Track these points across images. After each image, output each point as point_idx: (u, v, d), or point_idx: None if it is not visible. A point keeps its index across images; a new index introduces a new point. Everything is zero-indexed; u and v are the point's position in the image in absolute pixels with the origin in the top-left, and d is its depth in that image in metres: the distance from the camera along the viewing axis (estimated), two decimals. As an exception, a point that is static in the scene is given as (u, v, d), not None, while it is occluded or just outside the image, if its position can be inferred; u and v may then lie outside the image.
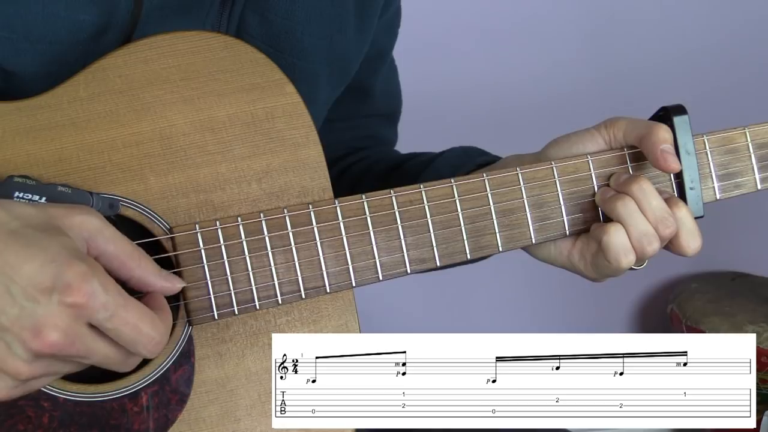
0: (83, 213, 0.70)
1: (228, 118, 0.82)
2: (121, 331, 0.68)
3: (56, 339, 0.65)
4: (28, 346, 0.65)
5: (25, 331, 0.64)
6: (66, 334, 0.65)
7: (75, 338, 0.66)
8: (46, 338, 0.65)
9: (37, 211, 0.69)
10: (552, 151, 0.89)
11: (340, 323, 0.85)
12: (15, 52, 0.80)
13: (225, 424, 0.81)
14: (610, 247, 0.84)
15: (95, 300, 0.65)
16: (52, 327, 0.65)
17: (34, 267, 0.64)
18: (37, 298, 0.64)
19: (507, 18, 2.06)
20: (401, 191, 0.84)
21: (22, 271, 0.64)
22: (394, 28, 1.12)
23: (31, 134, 0.78)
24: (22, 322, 0.65)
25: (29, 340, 0.65)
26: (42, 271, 0.64)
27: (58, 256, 0.65)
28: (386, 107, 1.17)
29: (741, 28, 2.14)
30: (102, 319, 0.66)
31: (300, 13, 0.93)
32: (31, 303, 0.64)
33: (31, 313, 0.64)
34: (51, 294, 0.64)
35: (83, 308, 0.65)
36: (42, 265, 0.65)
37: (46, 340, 0.65)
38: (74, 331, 0.66)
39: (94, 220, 0.70)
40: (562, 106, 2.03)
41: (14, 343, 0.65)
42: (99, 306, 0.66)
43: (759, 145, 0.91)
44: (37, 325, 0.64)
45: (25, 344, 0.65)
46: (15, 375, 0.66)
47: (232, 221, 0.81)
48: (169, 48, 0.81)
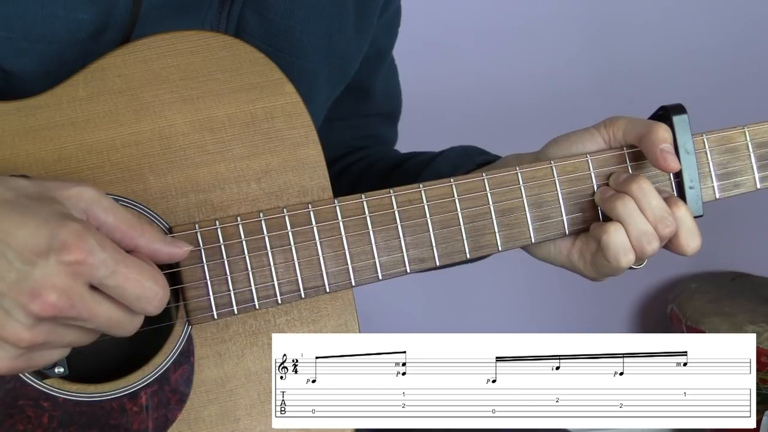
0: (79, 185, 0.69)
1: (227, 117, 0.82)
2: (124, 288, 0.66)
3: (55, 299, 0.63)
4: (28, 309, 0.63)
5: (23, 294, 0.63)
6: (66, 294, 0.64)
7: (75, 298, 0.64)
8: (45, 299, 0.63)
9: (32, 183, 0.68)
10: (551, 151, 0.89)
11: (340, 323, 0.85)
12: (14, 52, 0.80)
13: (224, 424, 0.81)
14: (610, 246, 0.84)
15: (93, 257, 0.64)
16: (50, 287, 0.63)
17: (29, 231, 0.63)
18: (33, 261, 0.63)
19: (507, 18, 2.06)
20: (400, 191, 0.84)
21: (17, 236, 0.63)
22: (394, 28, 1.12)
23: (31, 134, 0.78)
24: (20, 286, 0.63)
25: (28, 302, 0.63)
26: (36, 233, 0.63)
27: (52, 218, 0.64)
28: (386, 107, 1.17)
29: (740, 28, 2.14)
30: (102, 276, 0.65)
31: (299, 12, 0.93)
32: (28, 266, 0.63)
33: (29, 275, 0.63)
34: (48, 255, 0.63)
35: (82, 265, 0.64)
36: (36, 228, 0.63)
37: (45, 301, 0.63)
38: (74, 290, 0.64)
39: (91, 191, 0.69)
40: (562, 105, 2.04)
41: (13, 308, 0.64)
42: (98, 262, 0.64)
43: (758, 144, 0.91)
44: (35, 287, 0.63)
45: (24, 308, 0.63)
46: (16, 342, 0.64)
47: (231, 221, 0.81)
48: (169, 48, 0.81)
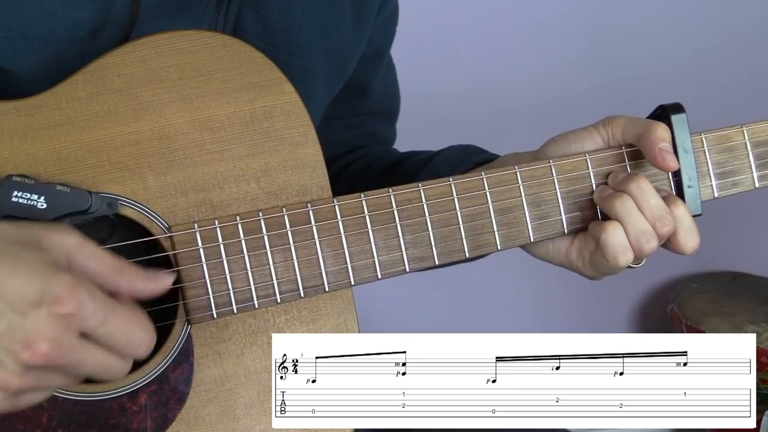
0: (61, 232, 0.70)
1: (226, 117, 0.82)
2: (114, 336, 0.68)
3: (47, 350, 0.65)
4: (19, 358, 0.65)
5: (14, 343, 0.64)
6: (57, 345, 0.65)
7: (66, 348, 0.66)
8: (36, 350, 0.64)
9: (16, 229, 0.69)
10: (550, 150, 0.89)
11: (339, 322, 0.85)
12: (12, 51, 0.80)
13: (224, 423, 0.81)
14: (608, 245, 0.84)
15: (85, 308, 0.66)
16: (42, 338, 0.64)
17: (20, 281, 0.64)
18: (25, 311, 0.64)
19: (507, 19, 2.06)
20: (399, 190, 0.84)
21: (8, 286, 0.64)
22: (392, 27, 1.12)
23: (30, 133, 0.78)
24: (11, 335, 0.64)
25: (19, 352, 0.64)
26: (28, 284, 0.64)
27: (43, 270, 0.65)
28: (384, 106, 1.17)
29: (738, 29, 2.14)
30: (93, 326, 0.67)
31: (296, 10, 0.93)
32: (20, 316, 0.64)
33: (21, 325, 0.64)
34: (40, 306, 0.65)
35: (73, 317, 0.65)
36: (28, 279, 0.65)
37: (36, 352, 0.64)
38: (65, 341, 0.65)
39: (73, 239, 0.70)
40: (562, 106, 2.03)
41: (4, 356, 0.65)
42: (89, 314, 0.66)
43: (756, 143, 0.91)
44: (27, 337, 0.64)
45: (15, 356, 0.65)
46: (5, 387, 0.66)
47: (230, 220, 0.81)
48: (168, 47, 0.81)
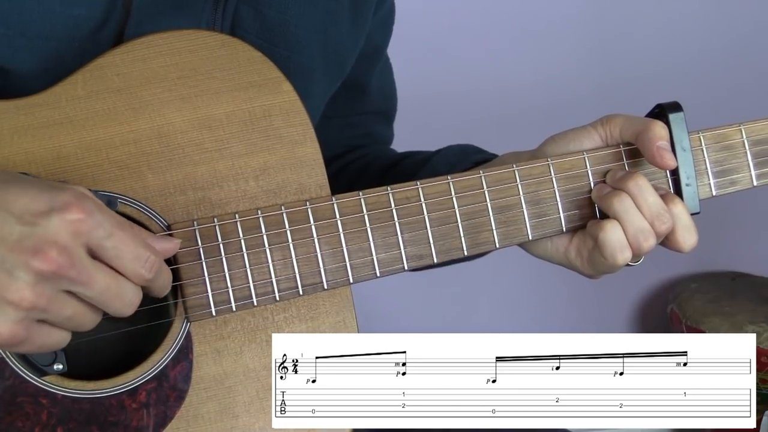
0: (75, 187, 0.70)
1: (225, 116, 0.82)
2: (121, 249, 0.68)
3: (57, 255, 0.65)
4: (30, 266, 0.65)
5: (25, 252, 0.65)
6: (66, 252, 0.65)
7: (75, 258, 0.66)
8: (48, 255, 0.65)
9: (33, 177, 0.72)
10: (549, 148, 0.89)
11: (338, 320, 0.85)
12: (12, 49, 0.81)
13: (223, 421, 0.81)
14: (606, 243, 0.84)
15: (93, 217, 0.66)
16: (52, 244, 0.65)
17: (29, 196, 0.66)
18: (35, 221, 0.65)
19: (506, 18, 2.06)
20: (398, 188, 0.84)
21: (18, 202, 0.66)
22: (389, 25, 1.12)
23: (30, 132, 0.78)
24: (21, 245, 0.65)
25: (30, 259, 0.65)
26: (37, 197, 0.66)
27: (52, 186, 0.67)
28: (382, 105, 1.17)
29: (738, 28, 2.14)
30: (101, 236, 0.67)
31: (293, 7, 0.93)
32: (30, 226, 0.65)
33: (31, 234, 0.65)
34: (49, 214, 0.66)
35: (82, 224, 0.66)
36: (37, 193, 0.66)
37: (48, 257, 0.65)
38: (74, 250, 0.66)
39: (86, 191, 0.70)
40: (561, 105, 2.03)
41: (16, 267, 0.65)
42: (97, 223, 0.66)
43: (754, 142, 0.91)
44: (36, 244, 0.65)
45: (26, 265, 0.65)
46: (19, 300, 0.65)
47: (229, 218, 0.81)
48: (167, 46, 0.81)
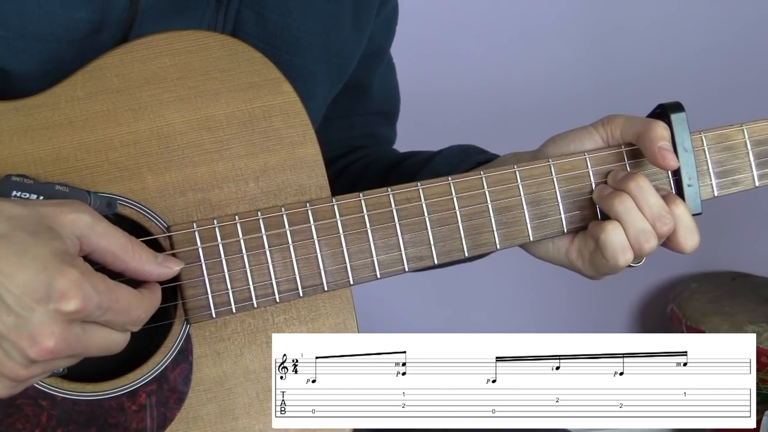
0: (74, 211, 0.70)
1: (225, 116, 0.82)
2: (115, 321, 0.69)
3: (53, 346, 0.66)
4: (26, 354, 0.66)
5: (22, 339, 0.65)
6: (63, 340, 0.66)
7: (71, 341, 0.67)
8: (43, 345, 0.65)
9: (27, 211, 0.69)
10: (550, 149, 0.89)
11: (338, 321, 0.85)
12: (11, 51, 0.80)
13: (223, 423, 0.81)
14: (608, 245, 0.83)
15: (90, 303, 0.66)
16: (48, 335, 0.65)
17: (28, 276, 0.65)
18: (32, 307, 0.65)
19: (507, 18, 2.06)
20: (398, 189, 0.84)
21: (16, 280, 0.65)
22: (392, 26, 1.12)
23: (29, 133, 0.78)
24: (18, 331, 0.65)
25: (27, 347, 0.65)
26: (35, 279, 0.65)
27: (51, 264, 0.66)
28: (384, 105, 1.17)
29: (739, 28, 2.14)
30: (96, 317, 0.68)
31: (296, 10, 0.93)
32: (27, 311, 0.65)
33: (27, 321, 0.65)
34: (47, 302, 0.65)
35: (79, 313, 0.66)
36: (35, 274, 0.65)
37: (43, 347, 0.65)
38: (70, 334, 0.67)
39: (85, 217, 0.70)
40: (562, 105, 2.03)
41: (11, 350, 0.66)
42: (93, 308, 0.67)
43: (756, 142, 0.91)
44: (33, 333, 0.65)
45: (22, 351, 0.66)
46: (14, 378, 0.67)
47: (229, 220, 0.81)
48: (166, 47, 0.81)
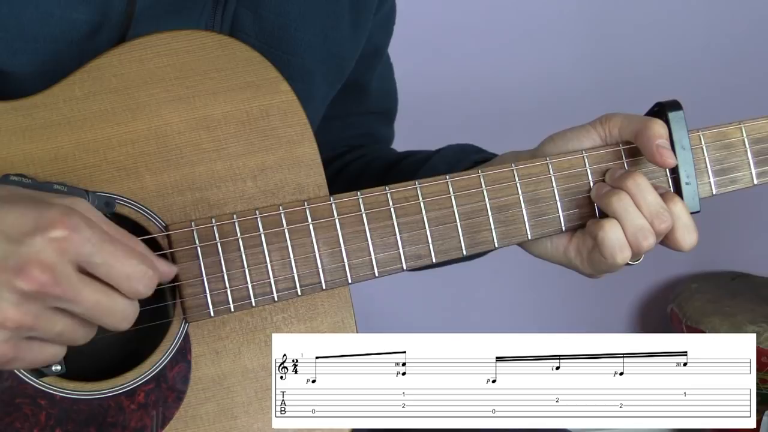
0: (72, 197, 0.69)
1: (223, 116, 0.82)
2: (111, 265, 0.66)
3: (40, 274, 0.63)
4: (14, 286, 0.64)
5: (8, 271, 0.63)
6: (51, 270, 0.64)
7: (61, 276, 0.64)
8: (30, 274, 0.63)
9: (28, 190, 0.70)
10: (548, 148, 0.89)
11: (337, 320, 0.85)
12: (9, 52, 0.81)
13: (222, 422, 0.81)
14: (606, 242, 0.83)
15: (79, 233, 0.64)
16: (36, 263, 0.64)
17: (16, 214, 0.64)
18: (19, 239, 0.64)
19: (506, 18, 2.06)
20: (396, 188, 0.84)
21: (4, 219, 0.64)
22: (390, 26, 1.12)
23: (28, 133, 0.78)
24: (5, 263, 0.64)
25: (14, 278, 0.63)
26: (23, 214, 0.64)
27: (40, 203, 0.66)
28: (382, 105, 1.17)
29: (738, 27, 2.14)
30: (88, 253, 0.65)
31: (293, 10, 0.93)
32: (14, 245, 0.64)
33: (14, 252, 0.64)
34: (34, 233, 0.64)
35: (67, 241, 0.64)
36: (24, 211, 0.65)
37: (30, 276, 0.63)
38: (60, 268, 0.64)
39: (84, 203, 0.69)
40: (561, 105, 2.03)
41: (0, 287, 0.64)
42: (84, 239, 0.65)
43: (755, 140, 0.91)
44: (20, 263, 0.63)
45: (10, 284, 0.64)
46: (2, 321, 0.64)
47: (227, 218, 0.81)
48: (164, 47, 0.81)
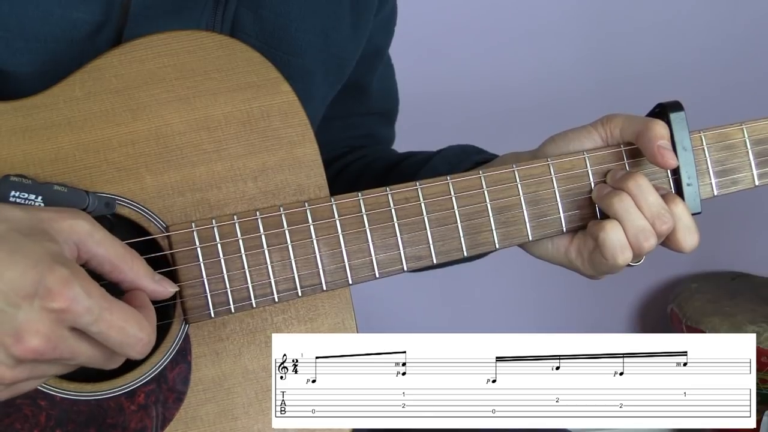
0: (72, 217, 0.69)
1: (224, 116, 0.82)
2: (107, 335, 0.67)
3: (37, 344, 0.64)
4: (10, 352, 0.64)
5: (6, 336, 0.64)
6: (48, 339, 0.65)
7: (57, 342, 0.65)
8: (27, 344, 0.64)
9: (25, 214, 0.68)
10: (549, 149, 0.89)
11: (337, 321, 0.85)
12: (10, 52, 0.80)
13: (222, 423, 0.81)
14: (607, 244, 0.83)
15: (78, 304, 0.65)
16: (33, 333, 0.64)
17: (17, 273, 0.64)
18: (18, 304, 0.64)
19: (506, 18, 2.06)
20: (397, 189, 0.84)
21: (5, 276, 0.64)
22: (391, 26, 1.12)
23: (28, 133, 0.78)
24: (3, 328, 0.64)
25: (11, 345, 0.64)
26: (24, 276, 0.64)
27: (41, 262, 0.65)
28: (383, 106, 1.17)
29: (739, 28, 2.14)
30: (86, 323, 0.66)
31: (294, 10, 0.93)
32: (13, 308, 0.64)
33: (13, 318, 0.64)
34: (33, 299, 0.64)
35: (65, 313, 0.65)
36: (24, 271, 0.64)
37: (27, 346, 0.64)
38: (56, 335, 0.65)
39: (84, 224, 0.69)
40: (562, 105, 2.03)
41: None
42: (82, 310, 0.65)
43: (756, 141, 0.90)
44: (18, 330, 0.64)
45: (6, 349, 0.64)
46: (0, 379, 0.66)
47: (228, 219, 0.81)
48: (165, 47, 0.81)
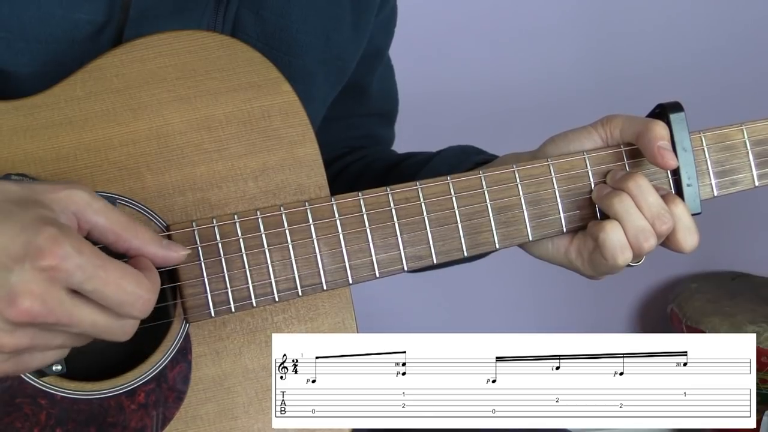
0: (69, 187, 0.68)
1: (224, 116, 0.82)
2: (103, 292, 0.65)
3: (30, 305, 0.63)
4: (5, 316, 0.63)
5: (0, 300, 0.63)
6: (42, 300, 0.63)
7: (52, 304, 0.64)
8: (20, 306, 0.63)
9: (20, 187, 0.68)
10: (549, 149, 0.89)
11: (337, 321, 0.85)
12: (11, 52, 0.81)
13: (222, 422, 0.81)
14: (607, 244, 0.84)
15: (68, 261, 0.63)
16: (26, 293, 0.63)
17: (7, 237, 0.63)
18: (10, 267, 0.63)
19: (506, 19, 2.06)
20: (397, 188, 0.84)
21: None
22: (391, 27, 1.12)
23: (29, 133, 0.78)
24: None
25: (4, 309, 0.63)
26: (14, 240, 0.63)
27: (30, 225, 0.64)
28: (383, 106, 1.17)
29: (739, 28, 2.14)
30: (79, 281, 0.64)
31: (295, 11, 0.93)
32: (5, 272, 0.63)
33: (5, 282, 0.63)
34: (24, 261, 0.63)
35: (57, 271, 0.63)
36: (14, 235, 0.63)
37: (21, 308, 0.63)
38: (51, 296, 0.63)
39: (81, 194, 0.68)
40: (561, 106, 2.03)
41: None
42: (73, 267, 0.64)
43: (756, 142, 0.91)
44: (10, 293, 0.63)
45: (2, 315, 0.63)
46: None
47: (228, 219, 0.81)
48: (166, 47, 0.81)
